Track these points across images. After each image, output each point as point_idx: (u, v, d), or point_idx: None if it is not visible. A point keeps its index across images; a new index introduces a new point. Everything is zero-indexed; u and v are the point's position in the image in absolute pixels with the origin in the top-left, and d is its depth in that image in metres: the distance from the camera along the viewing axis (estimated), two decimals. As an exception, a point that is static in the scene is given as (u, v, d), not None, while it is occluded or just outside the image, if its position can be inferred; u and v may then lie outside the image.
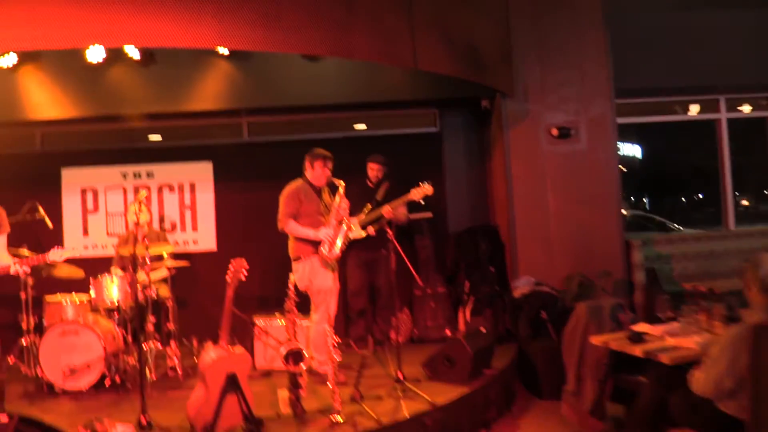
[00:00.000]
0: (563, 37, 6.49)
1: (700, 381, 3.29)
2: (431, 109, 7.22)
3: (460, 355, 4.91)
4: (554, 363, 5.51)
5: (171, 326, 5.70)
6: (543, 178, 6.44)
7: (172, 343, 5.58)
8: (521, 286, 6.16)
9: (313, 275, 4.94)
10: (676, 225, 11.62)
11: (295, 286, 4.66)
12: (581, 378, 4.78)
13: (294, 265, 5.04)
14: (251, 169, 7.03)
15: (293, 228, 5.00)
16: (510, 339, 5.99)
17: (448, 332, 6.40)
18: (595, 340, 4.33)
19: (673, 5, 7.19)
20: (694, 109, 7.79)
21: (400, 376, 4.75)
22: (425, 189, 5.72)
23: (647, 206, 17.72)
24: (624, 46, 6.62)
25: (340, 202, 4.99)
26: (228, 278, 3.92)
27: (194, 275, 6.82)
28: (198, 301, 6.87)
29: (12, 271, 4.69)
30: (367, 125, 7.32)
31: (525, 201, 6.42)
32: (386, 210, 5.79)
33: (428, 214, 6.41)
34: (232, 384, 3.85)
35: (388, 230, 4.82)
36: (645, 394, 3.87)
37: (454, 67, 5.41)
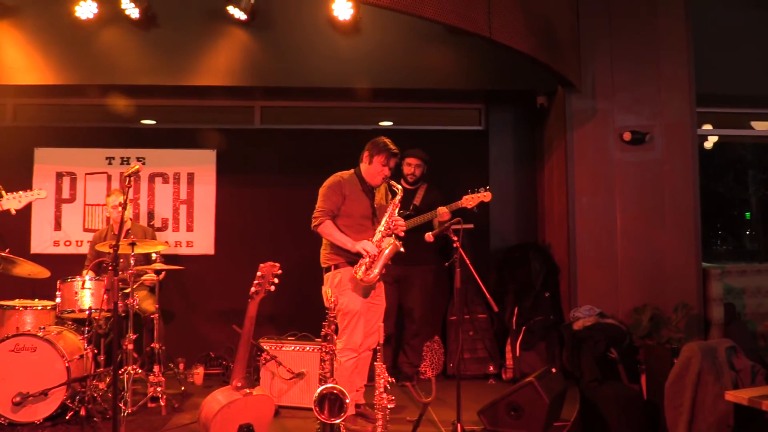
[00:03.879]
0: (638, 27, 5.40)
1: None
2: (476, 104, 6.10)
3: (532, 403, 3.74)
4: (630, 416, 4.37)
5: (156, 346, 4.44)
6: (611, 191, 5.29)
7: (156, 367, 4.31)
8: (583, 317, 5.00)
9: (341, 291, 3.84)
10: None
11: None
12: (693, 442, 3.60)
13: (324, 276, 3.95)
14: (262, 161, 5.86)
15: (328, 230, 3.92)
16: (569, 380, 4.81)
17: (491, 368, 5.23)
18: (733, 395, 3.17)
19: (747, 2, 6.16)
20: (762, 126, 6.74)
21: (459, 430, 3.53)
22: (482, 195, 4.62)
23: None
24: (701, 45, 5.56)
25: (393, 211, 3.90)
26: (254, 289, 2.71)
27: (185, 284, 5.63)
28: (187, 316, 5.69)
29: None
30: (401, 119, 6.17)
31: (588, 217, 5.27)
32: (442, 212, 4.64)
33: (469, 226, 5.25)
34: (246, 440, 2.62)
35: (455, 238, 3.63)
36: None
37: (529, 43, 4.31)
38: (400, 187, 3.94)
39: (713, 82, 5.82)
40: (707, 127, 6.60)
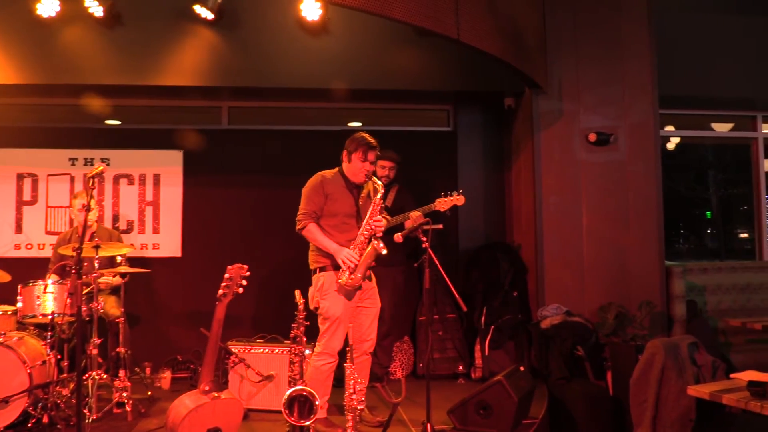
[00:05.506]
0: (603, 30, 5.48)
1: None
2: (445, 105, 6.13)
3: (501, 401, 3.77)
4: (596, 412, 4.43)
5: (121, 350, 4.35)
6: (577, 191, 5.37)
7: (121, 372, 4.23)
8: (550, 316, 5.05)
9: (323, 294, 3.77)
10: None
11: (305, 307, 3.42)
12: (658, 437, 3.67)
13: (312, 279, 3.89)
14: (229, 162, 5.80)
15: (312, 233, 3.84)
16: (536, 378, 4.86)
17: (461, 368, 5.26)
18: (694, 390, 3.25)
19: (708, 6, 6.33)
20: (721, 127, 6.92)
21: (429, 429, 3.54)
22: (455, 199, 4.63)
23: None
24: (663, 48, 5.67)
25: (374, 211, 3.82)
26: (221, 291, 2.67)
27: (151, 286, 5.55)
28: (154, 319, 5.61)
29: None
30: (370, 119, 6.17)
31: (555, 216, 5.34)
32: (416, 216, 4.64)
33: (439, 226, 5.27)
34: (214, 444, 2.59)
35: (424, 238, 3.64)
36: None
37: (497, 45, 4.34)
38: (380, 184, 3.87)
39: (675, 85, 5.95)
40: (670, 128, 6.76)
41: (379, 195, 3.83)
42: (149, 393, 4.55)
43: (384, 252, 3.74)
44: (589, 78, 5.44)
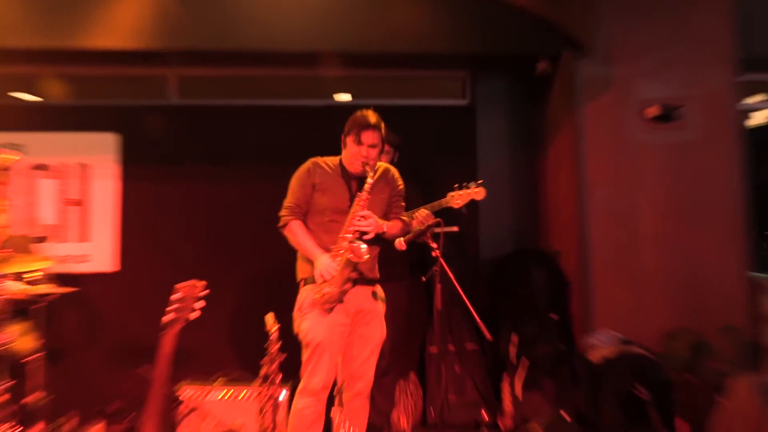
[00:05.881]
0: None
1: None
2: (459, 72, 6.17)
3: (537, 459, 3.74)
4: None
5: (38, 396, 4.35)
6: (633, 182, 5.44)
7: (38, 425, 4.26)
8: (601, 345, 5.06)
9: (303, 313, 3.82)
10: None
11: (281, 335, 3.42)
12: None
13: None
14: (180, 147, 5.81)
15: (293, 234, 3.94)
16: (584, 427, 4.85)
17: (485, 415, 5.25)
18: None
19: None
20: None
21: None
22: (473, 192, 4.60)
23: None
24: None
25: (356, 209, 3.79)
26: (169, 316, 2.65)
27: (79, 311, 5.57)
28: (82, 355, 5.59)
29: None
30: (362, 91, 6.24)
31: (605, 215, 5.41)
32: (423, 216, 4.62)
33: (453, 229, 5.26)
34: None
35: (434, 245, 3.62)
36: None
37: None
38: (373, 173, 3.82)
39: (763, 43, 5.95)
40: (756, 98, 6.74)
41: (366, 187, 3.77)
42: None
43: (366, 257, 3.67)
44: (647, 35, 5.52)
